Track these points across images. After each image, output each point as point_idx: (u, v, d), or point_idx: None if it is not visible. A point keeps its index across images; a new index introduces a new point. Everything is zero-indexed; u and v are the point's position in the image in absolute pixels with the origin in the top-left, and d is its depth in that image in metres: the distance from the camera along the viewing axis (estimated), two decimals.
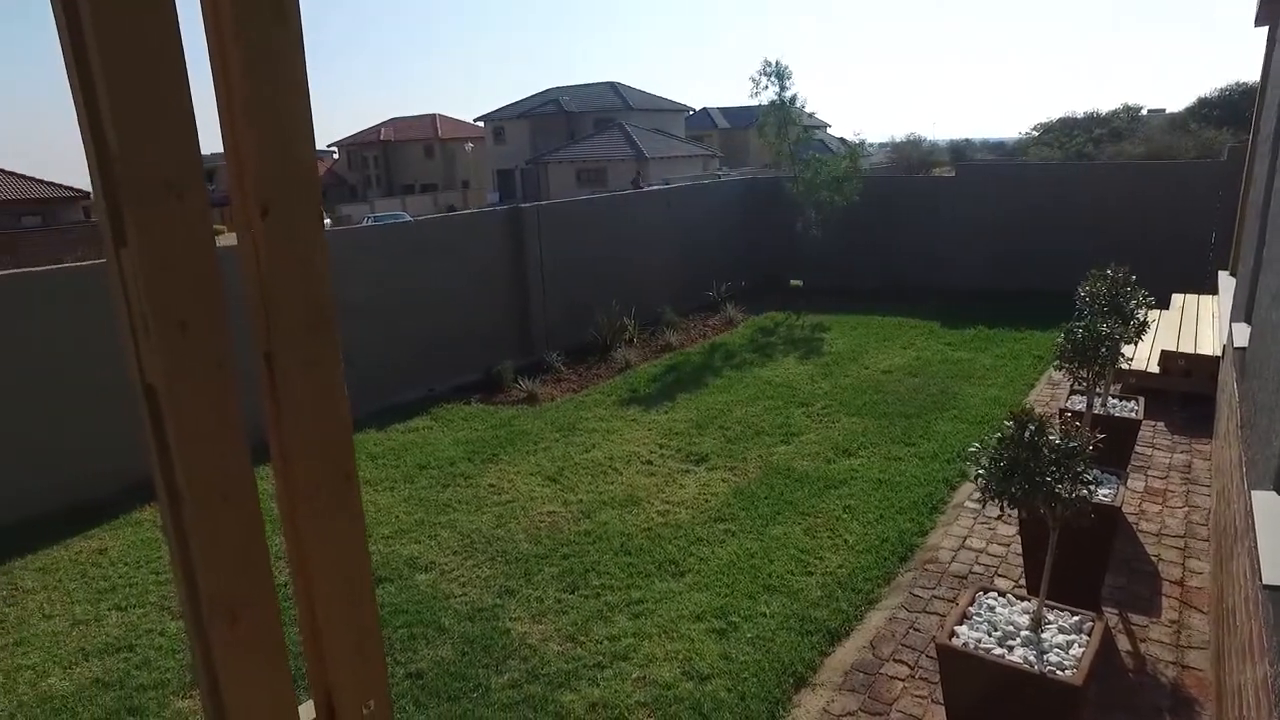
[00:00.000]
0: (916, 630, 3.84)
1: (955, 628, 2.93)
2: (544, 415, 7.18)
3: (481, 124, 51.74)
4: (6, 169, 34.54)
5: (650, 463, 5.99)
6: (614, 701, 3.46)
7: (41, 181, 35.01)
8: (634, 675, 3.62)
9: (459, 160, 53.22)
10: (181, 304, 2.12)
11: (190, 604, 2.33)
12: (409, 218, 24.62)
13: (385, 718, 2.73)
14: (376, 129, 56.30)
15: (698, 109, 55.70)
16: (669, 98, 51.25)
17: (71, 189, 35.66)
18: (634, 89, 50.22)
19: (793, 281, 11.01)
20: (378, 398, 7.33)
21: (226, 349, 2.33)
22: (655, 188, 13.46)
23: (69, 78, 2.06)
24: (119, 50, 1.94)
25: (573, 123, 48.00)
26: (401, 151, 54.93)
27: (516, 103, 51.30)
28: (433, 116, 56.83)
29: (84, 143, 2.09)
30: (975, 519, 4.88)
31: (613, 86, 49.64)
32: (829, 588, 4.23)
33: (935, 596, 4.11)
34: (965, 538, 4.67)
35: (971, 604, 3.08)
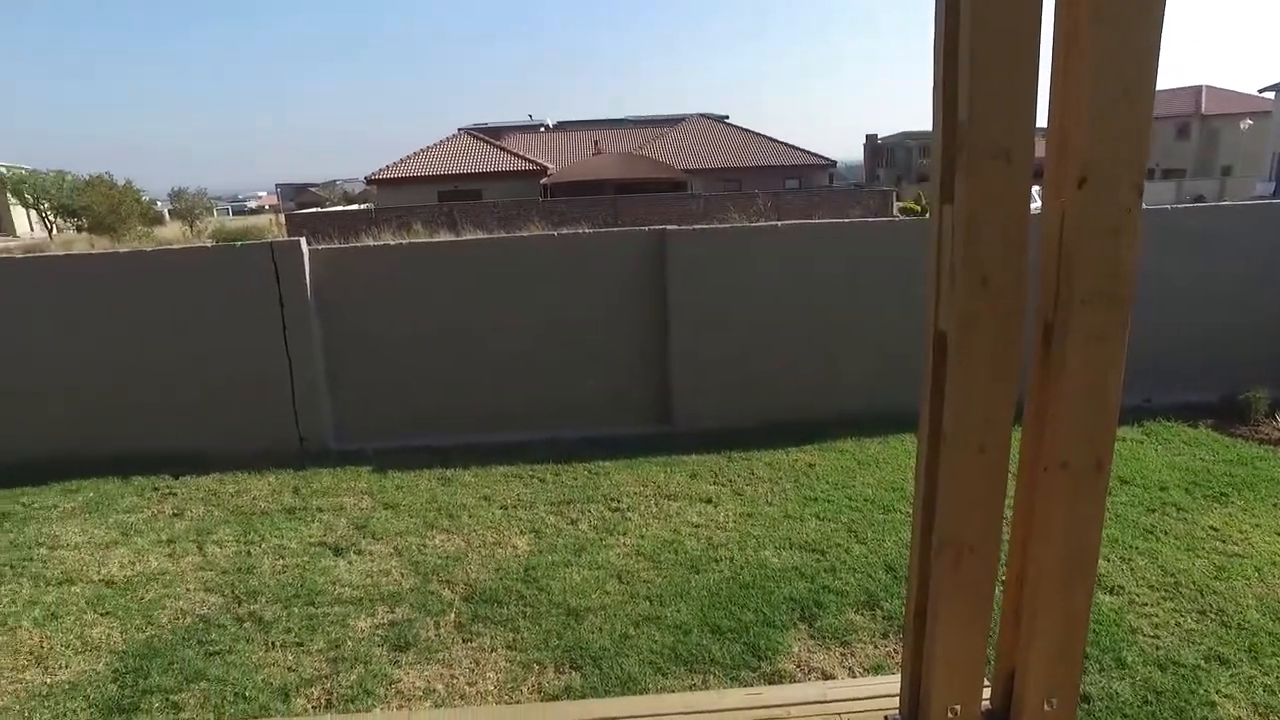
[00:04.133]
0: None
1: None
2: None
3: (1271, 95, 42.03)
4: (772, 137, 42.15)
5: None
6: None
7: (800, 150, 41.65)
8: None
9: (1221, 141, 44.68)
10: (987, 259, 2.21)
11: (921, 537, 2.50)
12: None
13: None
14: None
15: None
16: None
17: (822, 157, 41.52)
18: None
19: None
20: None
21: (1019, 307, 2.35)
22: None
23: (934, 62, 2.28)
24: (986, 37, 2.05)
25: None
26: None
27: None
28: (1197, 89, 48.75)
29: (933, 114, 2.30)
30: None
31: None
32: None
33: None
34: None
35: None
